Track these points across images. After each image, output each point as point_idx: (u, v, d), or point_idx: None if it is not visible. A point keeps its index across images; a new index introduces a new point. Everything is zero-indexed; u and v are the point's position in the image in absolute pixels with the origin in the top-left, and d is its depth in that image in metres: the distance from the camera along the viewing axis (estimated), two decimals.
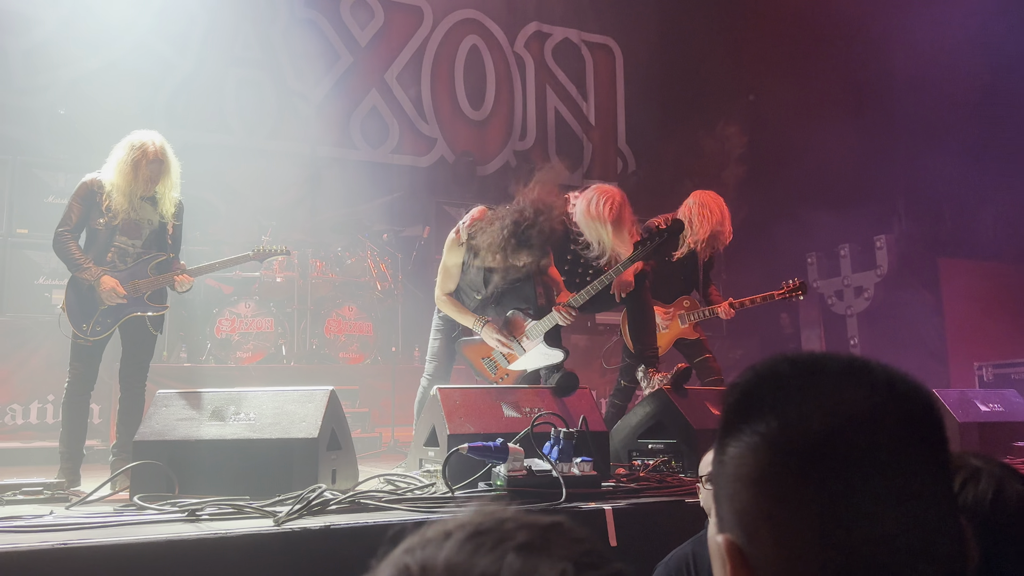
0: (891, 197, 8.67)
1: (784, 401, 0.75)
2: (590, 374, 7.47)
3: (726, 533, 0.76)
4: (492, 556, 0.56)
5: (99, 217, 4.29)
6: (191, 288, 4.52)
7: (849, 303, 8.37)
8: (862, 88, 8.19)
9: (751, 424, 0.75)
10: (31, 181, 6.85)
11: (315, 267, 7.63)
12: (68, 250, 4.24)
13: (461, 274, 4.58)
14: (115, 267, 4.31)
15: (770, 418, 0.74)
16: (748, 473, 0.74)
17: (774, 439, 0.73)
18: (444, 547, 0.58)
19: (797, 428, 0.73)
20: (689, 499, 3.17)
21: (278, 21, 8.97)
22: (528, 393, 4.07)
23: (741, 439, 0.76)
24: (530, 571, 0.55)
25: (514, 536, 0.58)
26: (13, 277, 6.61)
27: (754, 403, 0.76)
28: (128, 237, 4.35)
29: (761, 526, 0.73)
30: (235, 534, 2.52)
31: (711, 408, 4.35)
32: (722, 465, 0.78)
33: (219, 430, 3.44)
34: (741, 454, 0.75)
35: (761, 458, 0.73)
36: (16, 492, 3.37)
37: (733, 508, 0.76)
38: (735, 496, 0.75)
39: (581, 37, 10.75)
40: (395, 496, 3.19)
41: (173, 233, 4.51)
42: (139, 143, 4.26)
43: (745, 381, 0.79)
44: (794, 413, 0.73)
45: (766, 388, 0.77)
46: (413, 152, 9.64)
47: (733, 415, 0.78)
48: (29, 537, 2.42)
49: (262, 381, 6.24)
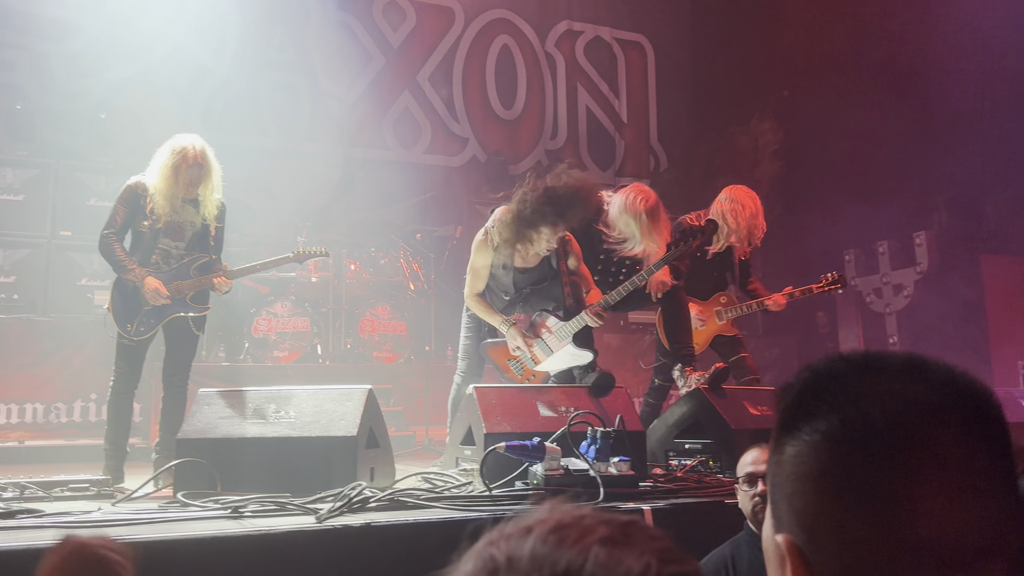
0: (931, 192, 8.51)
1: (843, 399, 0.74)
2: (623, 373, 7.43)
3: (784, 532, 0.76)
4: (576, 549, 0.57)
5: (143, 220, 4.37)
6: (231, 290, 4.59)
7: (888, 301, 8.23)
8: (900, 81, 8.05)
9: (810, 423, 0.75)
10: (73, 184, 7.00)
11: (349, 267, 7.69)
12: (113, 252, 4.33)
13: (490, 275, 4.59)
14: (159, 268, 4.39)
15: (830, 416, 0.74)
16: (808, 472, 0.74)
17: (835, 437, 0.73)
18: (528, 540, 0.58)
19: (858, 425, 0.72)
20: (728, 500, 3.14)
21: (311, 24, 9.06)
22: (564, 392, 4.06)
23: (800, 438, 0.75)
24: (615, 563, 0.56)
25: (595, 531, 0.58)
26: (57, 278, 6.76)
27: (812, 402, 0.76)
28: (171, 239, 4.43)
29: (822, 525, 0.72)
30: (278, 531, 2.55)
31: (749, 408, 4.31)
32: (780, 465, 0.78)
33: (260, 428, 3.48)
34: (800, 453, 0.75)
35: (822, 457, 0.73)
36: (64, 488, 3.44)
37: (792, 507, 0.75)
38: (795, 495, 0.75)
39: (613, 35, 10.71)
40: (433, 494, 3.21)
41: (215, 235, 4.58)
42: (180, 147, 4.33)
43: (802, 380, 0.79)
44: (854, 411, 0.73)
45: (824, 387, 0.76)
46: (445, 152, 9.68)
47: (791, 414, 0.78)
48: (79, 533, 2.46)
49: (298, 380, 6.31)
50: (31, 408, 6.14)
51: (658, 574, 0.56)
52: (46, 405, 6.18)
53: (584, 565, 0.55)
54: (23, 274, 6.69)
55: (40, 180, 6.90)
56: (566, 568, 0.55)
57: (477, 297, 4.62)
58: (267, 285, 7.39)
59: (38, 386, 6.17)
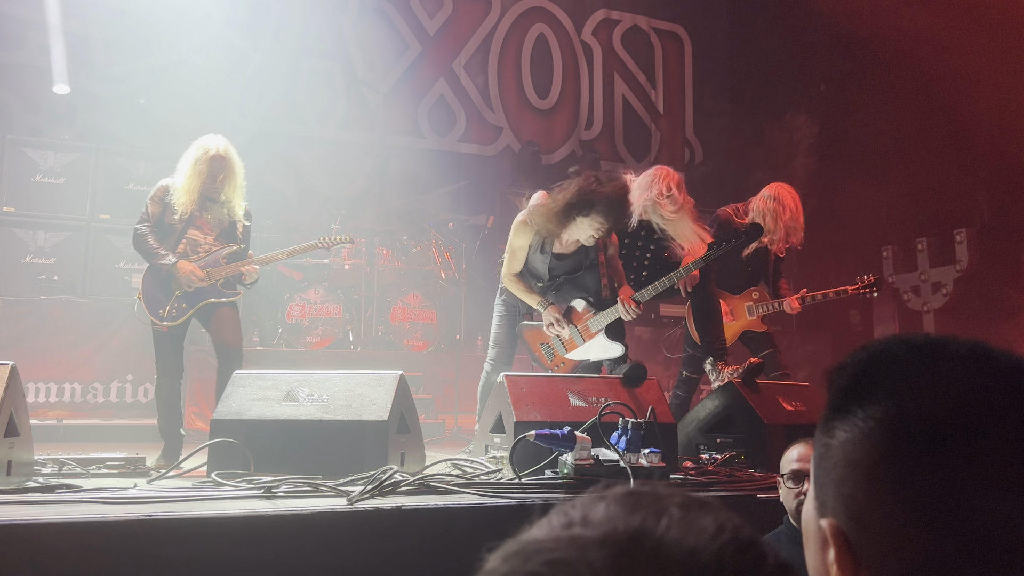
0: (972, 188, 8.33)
1: (902, 385, 0.71)
2: (653, 366, 7.39)
3: (829, 517, 0.74)
4: (652, 509, 0.57)
5: (172, 215, 4.49)
6: (258, 279, 4.66)
7: (926, 299, 8.08)
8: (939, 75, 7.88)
9: (864, 408, 0.72)
10: (113, 168, 7.11)
11: (382, 255, 7.73)
12: (146, 242, 4.44)
13: (526, 258, 4.58)
14: (186, 256, 4.48)
15: (887, 402, 0.71)
16: (860, 459, 0.71)
17: (891, 425, 0.70)
18: (603, 502, 0.58)
19: (916, 414, 0.69)
20: (761, 495, 3.11)
21: (349, 12, 9.10)
22: (595, 382, 4.04)
23: (853, 423, 0.73)
24: (690, 522, 0.55)
25: (671, 497, 0.58)
26: (96, 261, 6.88)
27: (868, 386, 0.73)
28: (200, 231, 4.55)
29: (872, 513, 0.70)
30: (310, 511, 2.57)
31: (783, 403, 4.26)
32: (828, 448, 0.75)
33: (293, 410, 3.51)
34: (853, 439, 0.72)
35: (876, 444, 0.70)
36: (101, 466, 3.50)
37: (840, 493, 0.73)
38: (843, 481, 0.72)
39: (650, 24, 10.61)
40: (463, 480, 3.21)
41: (243, 232, 4.69)
42: (202, 144, 4.49)
43: (858, 361, 0.76)
44: (913, 398, 0.70)
45: (881, 370, 0.73)
46: (479, 141, 9.68)
47: (844, 397, 0.75)
48: (116, 508, 2.51)
49: (330, 366, 6.36)
50: (69, 388, 6.26)
51: (734, 533, 0.55)
52: (84, 385, 6.30)
53: (659, 522, 0.55)
54: (63, 256, 6.81)
55: (80, 164, 7.01)
56: (640, 524, 0.55)
57: (514, 277, 4.62)
58: (301, 271, 7.46)
59: (76, 366, 6.29)
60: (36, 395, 6.10)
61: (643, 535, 0.54)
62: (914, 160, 8.23)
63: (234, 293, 4.58)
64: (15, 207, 6.77)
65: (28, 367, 5.98)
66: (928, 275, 8.07)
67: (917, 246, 8.19)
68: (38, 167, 6.88)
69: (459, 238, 8.18)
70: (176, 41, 8.16)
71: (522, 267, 4.61)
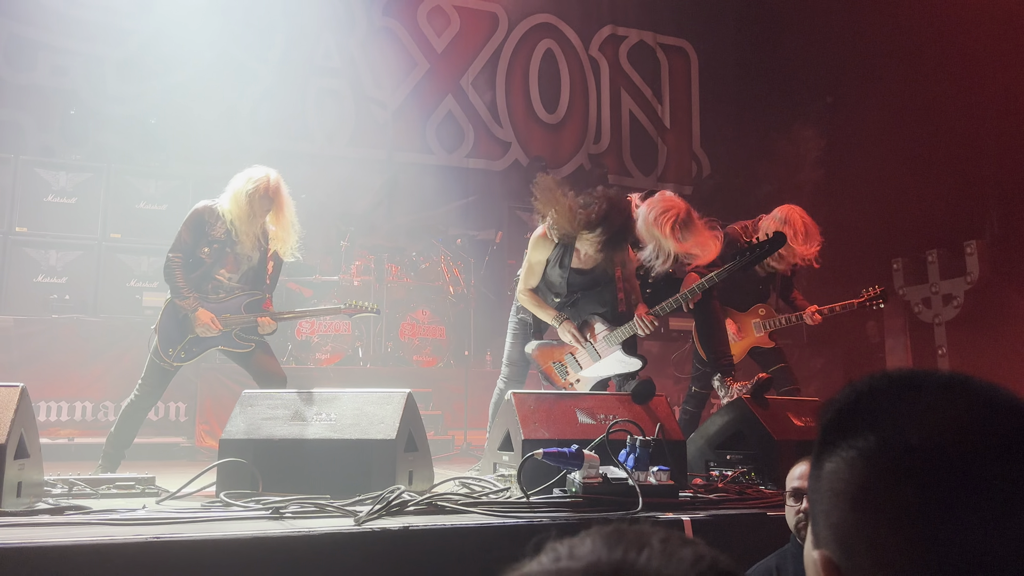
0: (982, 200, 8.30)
1: (881, 416, 0.74)
2: (663, 381, 7.37)
3: (822, 549, 0.76)
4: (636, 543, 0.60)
5: (205, 247, 4.47)
6: (274, 331, 4.63)
7: (937, 311, 8.03)
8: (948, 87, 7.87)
9: (848, 439, 0.75)
10: (124, 188, 7.16)
11: (390, 271, 7.75)
12: (174, 276, 4.43)
13: (544, 272, 4.57)
14: (207, 298, 4.48)
15: (867, 433, 0.73)
16: (845, 488, 0.73)
17: (871, 454, 0.72)
18: (588, 537, 0.61)
19: (895, 443, 0.72)
20: (771, 512, 3.09)
21: (357, 30, 9.17)
22: (603, 399, 4.03)
23: (838, 454, 0.75)
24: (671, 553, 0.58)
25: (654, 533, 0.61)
26: (107, 280, 6.92)
27: (851, 418, 0.76)
28: (227, 270, 4.53)
29: (859, 543, 0.72)
30: (317, 532, 2.57)
31: (793, 419, 4.23)
32: (818, 480, 0.77)
33: (301, 430, 3.52)
34: (838, 469, 0.75)
35: (858, 473, 0.73)
36: (111, 486, 3.52)
37: (829, 523, 0.75)
38: (831, 511, 0.75)
39: (656, 39, 10.66)
40: (471, 499, 3.21)
41: (272, 273, 4.68)
42: (256, 177, 4.44)
43: (842, 397, 0.79)
44: (891, 428, 0.72)
45: (863, 403, 0.76)
46: (487, 156, 9.72)
47: (830, 430, 0.77)
48: (124, 530, 2.52)
49: (339, 382, 6.37)
50: (80, 406, 6.29)
51: (712, 563, 0.58)
52: (95, 403, 6.32)
53: (640, 554, 0.57)
54: (74, 275, 6.86)
55: (92, 183, 7.07)
56: (622, 556, 0.57)
57: (530, 292, 4.60)
58: (310, 288, 7.49)
59: (87, 385, 6.32)
60: (47, 414, 6.13)
61: (625, 566, 0.57)
62: (923, 172, 8.20)
63: (247, 345, 4.55)
64: (27, 227, 6.83)
65: (39, 386, 6.03)
66: (939, 287, 8.03)
67: (927, 258, 8.15)
68: (50, 187, 6.94)
69: (468, 253, 8.20)
70: (186, 61, 8.25)
71: (539, 282, 4.60)
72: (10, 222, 6.79)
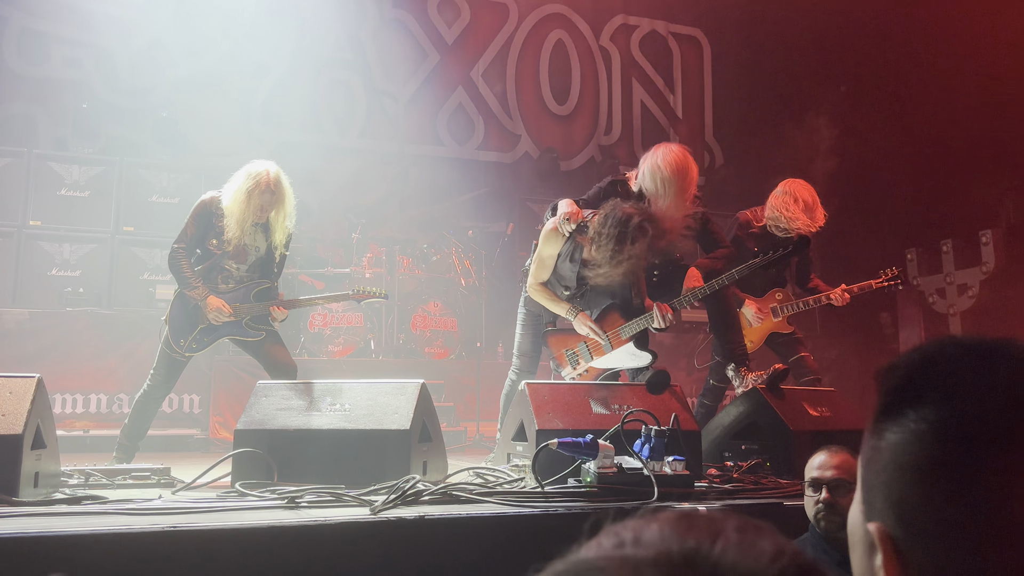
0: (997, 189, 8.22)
1: (956, 387, 0.70)
2: (677, 372, 7.32)
3: (877, 521, 0.72)
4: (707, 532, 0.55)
5: (212, 238, 4.47)
6: (286, 318, 4.64)
7: (952, 301, 7.97)
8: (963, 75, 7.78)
9: (917, 409, 0.71)
10: (136, 181, 7.18)
11: (402, 263, 7.75)
12: (180, 267, 4.43)
13: (555, 266, 4.55)
14: (216, 288, 4.49)
15: (940, 404, 0.69)
16: (913, 462, 0.70)
17: (945, 427, 0.68)
18: (655, 523, 0.56)
19: (971, 416, 0.68)
20: (788, 502, 3.07)
21: (368, 22, 9.15)
22: (617, 390, 4.02)
23: (905, 425, 0.71)
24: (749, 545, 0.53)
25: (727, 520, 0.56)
26: (120, 273, 6.95)
27: (920, 386, 0.72)
28: (235, 261, 4.53)
29: (925, 518, 0.68)
30: (333, 522, 2.57)
31: (808, 409, 4.20)
32: (878, 451, 0.73)
33: (316, 420, 3.52)
34: (904, 441, 0.71)
35: (929, 447, 0.69)
36: (127, 476, 3.53)
37: (889, 497, 0.71)
38: (893, 484, 0.71)
39: (668, 29, 10.59)
40: (486, 489, 3.20)
41: (279, 261, 4.67)
42: (255, 172, 4.41)
43: (910, 362, 0.74)
44: (967, 400, 0.68)
45: (934, 371, 0.72)
46: (498, 148, 9.69)
47: (895, 399, 0.73)
48: (141, 520, 2.53)
49: (352, 374, 6.38)
50: (95, 398, 6.32)
51: (793, 558, 0.53)
52: (110, 396, 6.35)
53: (715, 544, 0.53)
54: (88, 269, 6.88)
55: (105, 177, 7.09)
56: (695, 545, 0.53)
57: (541, 286, 4.58)
58: (322, 280, 7.49)
59: (102, 377, 6.35)
60: (63, 406, 6.16)
61: (698, 556, 0.52)
62: (937, 161, 8.13)
63: (258, 333, 4.55)
64: (41, 220, 6.86)
65: (55, 379, 6.05)
66: (954, 277, 7.96)
67: (942, 248, 8.09)
68: (63, 181, 6.97)
69: (479, 245, 8.18)
70: (197, 54, 8.26)
71: (549, 276, 4.58)
72: (24, 216, 6.82)
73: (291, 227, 4.61)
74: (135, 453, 4.46)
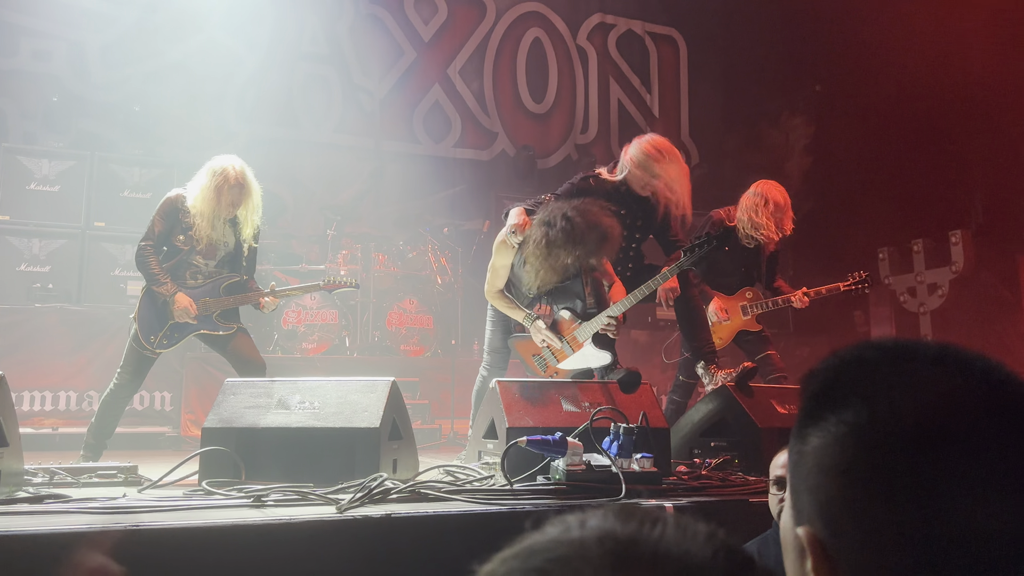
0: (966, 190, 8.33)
1: (873, 389, 0.71)
2: (650, 370, 7.39)
3: (805, 525, 0.73)
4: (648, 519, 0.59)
5: (179, 234, 4.44)
6: (276, 308, 4.63)
7: (922, 300, 8.07)
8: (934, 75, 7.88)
9: (837, 413, 0.72)
10: (108, 176, 7.10)
11: (377, 260, 7.73)
12: (148, 264, 4.39)
13: (511, 272, 4.57)
14: (185, 284, 4.46)
15: (858, 407, 0.70)
16: (834, 464, 0.71)
17: (863, 430, 0.70)
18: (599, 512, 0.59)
19: (888, 418, 0.69)
20: (754, 499, 3.10)
21: (344, 17, 9.11)
22: (587, 388, 4.03)
23: (826, 429, 0.72)
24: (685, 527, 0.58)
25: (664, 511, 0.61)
26: (91, 269, 6.87)
27: (839, 391, 0.73)
28: (203, 257, 4.50)
29: (848, 520, 0.69)
30: (298, 520, 2.56)
31: (776, 406, 4.25)
32: (802, 455, 0.74)
33: (284, 418, 3.50)
34: (826, 444, 0.72)
35: (849, 449, 0.70)
36: (92, 475, 3.49)
37: (815, 500, 0.72)
38: (818, 488, 0.72)
39: (645, 28, 10.63)
40: (455, 487, 3.20)
41: (248, 255, 4.64)
42: (220, 168, 4.38)
43: (829, 367, 0.75)
44: (884, 402, 0.70)
45: (852, 375, 0.73)
46: (475, 146, 9.69)
47: (816, 403, 0.74)
48: (103, 519, 2.50)
49: (326, 372, 6.36)
50: (64, 396, 6.25)
51: (725, 540, 0.58)
52: (79, 393, 6.28)
53: (655, 528, 0.57)
54: (58, 264, 6.80)
55: (75, 171, 7.00)
56: (638, 527, 0.57)
57: (499, 293, 4.60)
58: (296, 277, 7.46)
59: (72, 374, 6.28)
60: (31, 404, 6.09)
61: (640, 536, 0.56)
62: (909, 162, 8.23)
63: (228, 328, 4.52)
64: (10, 215, 6.76)
65: (23, 376, 5.99)
66: (924, 276, 8.06)
67: (913, 248, 8.19)
68: (33, 175, 6.87)
69: (455, 243, 8.18)
70: (171, 47, 8.17)
71: (504, 283, 4.60)
72: None
73: (259, 220, 4.58)
74: (103, 452, 4.42)
